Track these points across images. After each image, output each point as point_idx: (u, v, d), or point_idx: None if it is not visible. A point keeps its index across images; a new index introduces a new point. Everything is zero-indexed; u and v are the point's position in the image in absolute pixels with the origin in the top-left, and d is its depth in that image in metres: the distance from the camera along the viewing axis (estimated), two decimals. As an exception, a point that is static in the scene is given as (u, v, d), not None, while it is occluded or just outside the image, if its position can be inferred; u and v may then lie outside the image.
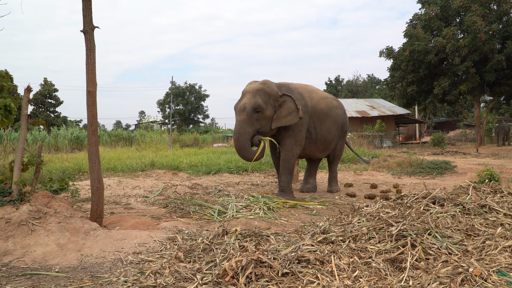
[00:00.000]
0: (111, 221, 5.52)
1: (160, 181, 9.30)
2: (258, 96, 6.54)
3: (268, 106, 6.59)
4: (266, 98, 6.60)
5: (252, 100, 6.49)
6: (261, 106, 6.48)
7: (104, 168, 11.67)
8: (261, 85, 6.70)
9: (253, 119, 6.46)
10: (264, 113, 6.53)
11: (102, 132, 29.74)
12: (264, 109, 6.52)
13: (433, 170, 10.48)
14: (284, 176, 6.83)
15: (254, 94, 6.56)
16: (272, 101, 6.65)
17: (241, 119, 6.43)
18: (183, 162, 13.27)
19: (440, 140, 21.47)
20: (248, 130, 6.43)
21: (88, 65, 4.75)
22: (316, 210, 6.03)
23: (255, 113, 6.47)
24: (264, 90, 6.62)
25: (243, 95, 6.79)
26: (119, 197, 7.26)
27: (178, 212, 6.08)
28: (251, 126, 6.47)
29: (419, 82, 25.09)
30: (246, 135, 6.40)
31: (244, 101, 6.58)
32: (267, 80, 6.84)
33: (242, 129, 6.40)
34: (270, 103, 6.62)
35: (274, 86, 6.77)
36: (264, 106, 6.52)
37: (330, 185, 7.99)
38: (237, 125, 6.47)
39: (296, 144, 6.82)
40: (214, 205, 6.27)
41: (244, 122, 6.41)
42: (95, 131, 4.91)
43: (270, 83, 6.77)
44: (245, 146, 6.39)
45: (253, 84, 6.83)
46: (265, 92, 6.61)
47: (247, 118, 6.42)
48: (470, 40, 21.80)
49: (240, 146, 6.41)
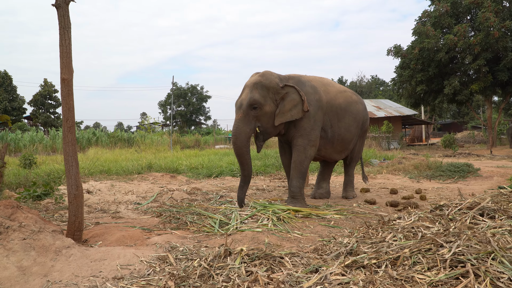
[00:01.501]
0: (94, 233, 4.68)
1: (156, 185, 8.47)
2: (255, 91, 5.74)
3: (267, 100, 5.78)
4: (264, 92, 5.78)
5: (248, 96, 5.72)
6: (257, 101, 5.67)
7: (97, 170, 10.86)
8: (259, 77, 5.88)
9: (250, 117, 5.68)
10: (263, 109, 5.72)
11: (101, 133, 29.03)
12: (262, 105, 5.71)
13: (454, 174, 9.62)
14: (296, 180, 5.95)
15: (252, 88, 5.78)
16: (271, 94, 5.83)
17: (237, 118, 5.70)
18: (183, 164, 12.46)
19: (451, 141, 20.55)
20: (245, 129, 5.65)
21: (62, 47, 3.92)
22: (334, 220, 5.18)
23: (252, 110, 5.67)
24: (262, 83, 5.80)
25: (242, 90, 6.01)
26: (108, 204, 6.43)
27: (173, 222, 5.24)
28: (248, 125, 5.68)
29: (429, 81, 24.20)
30: (243, 135, 5.63)
31: (242, 97, 5.84)
32: (266, 71, 6.01)
33: (238, 129, 5.65)
34: (269, 97, 5.80)
35: (274, 77, 5.94)
36: (262, 101, 5.71)
37: (345, 190, 7.12)
38: (234, 125, 5.75)
39: (310, 144, 5.96)
40: (215, 214, 5.43)
41: (240, 121, 5.66)
42: (71, 128, 4.08)
43: (269, 75, 5.95)
44: (243, 150, 5.63)
45: (253, 77, 6.04)
46: (263, 85, 5.80)
47: (243, 117, 5.66)
48: (483, 38, 20.93)
49: (238, 150, 5.65)
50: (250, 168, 5.73)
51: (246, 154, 5.66)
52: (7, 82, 43.92)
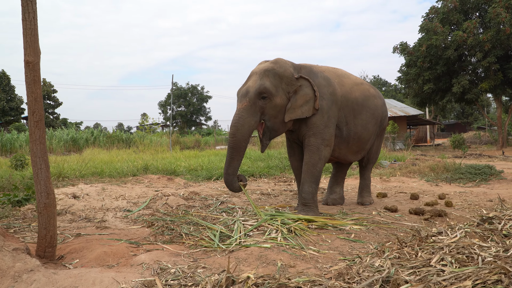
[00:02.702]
0: (72, 249, 3.94)
1: (151, 189, 7.72)
2: (266, 78, 4.94)
3: (279, 91, 4.98)
4: (277, 81, 4.98)
5: (257, 83, 4.90)
6: (268, 90, 4.87)
7: (89, 172, 10.12)
8: (271, 64, 5.09)
9: (256, 107, 4.87)
10: (272, 101, 4.92)
11: (99, 134, 28.36)
12: (273, 95, 4.91)
13: (475, 176, 8.85)
14: (308, 185, 5.15)
15: (262, 75, 4.97)
16: (284, 85, 5.03)
17: (241, 107, 4.87)
18: (181, 166, 11.72)
19: (461, 142, 19.79)
20: (249, 121, 4.85)
21: (25, 23, 3.17)
22: (354, 232, 4.42)
23: (260, 100, 4.87)
24: (275, 71, 5.01)
25: (248, 77, 5.19)
26: (94, 211, 5.68)
27: (165, 234, 4.49)
28: (253, 116, 4.87)
29: (436, 79, 23.41)
30: (246, 127, 4.83)
31: (248, 84, 5.00)
32: (280, 59, 5.21)
33: (241, 119, 4.82)
34: (281, 88, 5.01)
35: (289, 66, 5.15)
36: (273, 90, 4.92)
37: (361, 196, 6.36)
38: (236, 115, 4.89)
39: (324, 144, 5.18)
40: (215, 225, 4.68)
41: (244, 111, 4.84)
42: (39, 123, 3.33)
43: (284, 62, 5.16)
44: (241, 145, 4.85)
45: (262, 64, 5.24)
46: (276, 73, 5.00)
47: (248, 106, 4.84)
48: (493, 34, 20.16)
49: (235, 144, 4.84)
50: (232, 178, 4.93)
51: (243, 150, 4.93)
52: (5, 81, 43.24)
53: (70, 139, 25.83)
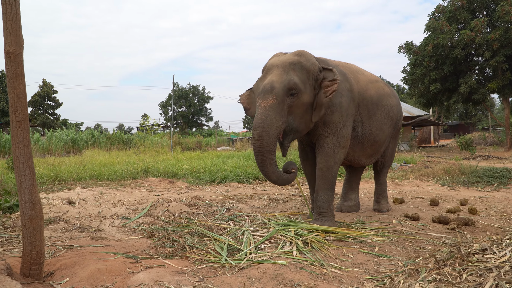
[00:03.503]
0: (63, 264, 3.50)
1: (151, 193, 7.30)
2: (292, 72, 4.30)
3: (307, 88, 4.39)
4: (304, 76, 4.37)
5: (284, 77, 4.25)
6: (298, 86, 4.25)
7: (87, 175, 9.68)
8: (296, 56, 4.45)
9: (284, 105, 4.22)
10: (300, 99, 4.33)
11: (100, 134, 28.00)
12: (302, 92, 4.32)
13: (493, 180, 8.39)
14: (323, 192, 4.64)
15: (287, 68, 4.32)
16: (311, 81, 4.45)
17: (266, 104, 4.16)
18: (183, 168, 11.30)
19: (468, 143, 19.32)
20: (277, 121, 4.16)
21: (5, 6, 2.73)
22: (377, 245, 3.97)
23: (289, 97, 4.24)
24: (302, 65, 4.39)
25: (267, 70, 4.50)
26: (90, 219, 5.24)
27: (167, 246, 4.06)
28: (281, 116, 4.20)
29: (443, 79, 22.93)
30: (273, 128, 4.14)
31: (271, 78, 4.29)
32: (304, 51, 4.61)
33: (268, 119, 4.11)
34: (309, 84, 4.42)
35: (314, 59, 4.59)
36: (302, 87, 4.32)
37: (377, 202, 5.90)
38: (261, 114, 4.16)
39: (340, 145, 4.68)
40: (222, 236, 4.24)
41: (271, 110, 4.14)
42: (22, 123, 2.89)
43: (310, 55, 4.58)
44: (269, 148, 4.15)
45: (282, 56, 4.55)
46: (303, 67, 4.38)
47: (276, 104, 4.16)
48: (502, 33, 19.70)
49: (263, 148, 4.12)
50: (278, 174, 4.29)
51: (272, 153, 4.20)
52: (4, 82, 42.85)
53: (69, 140, 25.51)
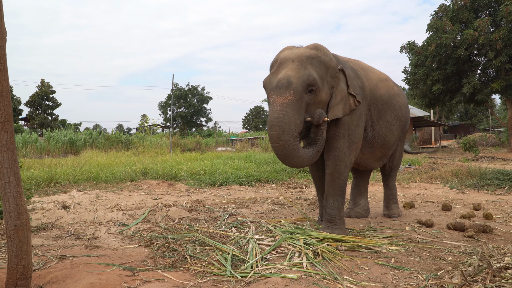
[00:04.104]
0: (54, 277, 3.22)
1: (150, 197, 7.02)
2: (311, 67, 3.95)
3: (324, 85, 4.06)
4: (323, 71, 4.05)
5: (302, 72, 3.90)
6: (317, 82, 3.92)
7: (84, 177, 9.39)
8: (313, 50, 4.10)
9: (303, 102, 3.88)
10: (318, 96, 4.00)
11: (98, 135, 27.69)
12: (320, 89, 3.98)
13: (503, 183, 8.10)
14: (333, 199, 4.34)
15: (304, 63, 3.97)
16: (329, 77, 4.14)
17: (283, 101, 3.80)
18: (183, 170, 11.00)
19: (472, 144, 19.04)
20: (295, 120, 3.81)
21: (-14, -6, 2.45)
22: (393, 256, 3.68)
23: (307, 94, 3.90)
24: (320, 59, 4.05)
25: (280, 64, 4.09)
26: (84, 225, 4.95)
27: (167, 256, 3.77)
28: (299, 114, 3.85)
29: (446, 79, 22.63)
30: (292, 127, 3.78)
31: (287, 72, 3.91)
32: (320, 45, 4.26)
33: (286, 118, 3.76)
34: (327, 81, 4.11)
35: (331, 54, 4.28)
36: (320, 84, 3.98)
37: (388, 207, 5.61)
38: (277, 111, 3.79)
39: (351, 147, 4.38)
40: (225, 245, 3.96)
41: (289, 107, 3.78)
42: (5, 124, 2.60)
43: (326, 50, 4.24)
44: (291, 148, 3.80)
45: (296, 49, 4.19)
46: (321, 62, 4.06)
47: (294, 101, 3.80)
48: (506, 33, 19.42)
49: (285, 151, 3.79)
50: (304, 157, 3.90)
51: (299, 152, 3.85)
52: (1, 82, 42.51)
53: (67, 141, 25.16)
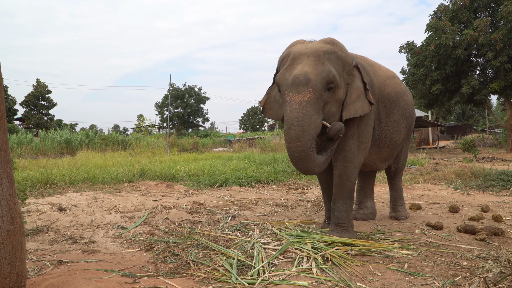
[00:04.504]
0: (49, 284, 3.05)
1: (148, 198, 6.85)
2: (328, 63, 3.70)
3: (342, 82, 3.82)
4: (340, 68, 3.81)
5: (321, 68, 3.62)
6: (336, 80, 3.70)
7: (80, 178, 9.20)
8: (329, 45, 3.85)
9: (322, 101, 3.63)
10: (336, 94, 3.78)
11: (94, 135, 27.45)
12: (338, 87, 3.76)
13: (508, 184, 7.96)
14: (341, 202, 4.14)
15: (321, 58, 3.70)
16: (346, 74, 3.93)
17: (302, 99, 3.52)
18: (181, 170, 10.83)
19: (471, 145, 18.91)
20: (315, 119, 3.55)
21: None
22: (405, 261, 3.51)
23: (326, 92, 3.65)
24: (337, 55, 3.81)
25: (294, 59, 3.78)
26: (81, 228, 4.77)
27: (168, 261, 3.60)
28: (319, 114, 3.60)
29: (445, 80, 22.51)
30: (312, 127, 3.53)
31: (304, 68, 3.62)
32: (335, 39, 4.02)
33: (306, 117, 3.49)
34: (344, 78, 3.90)
35: (347, 50, 4.08)
36: (339, 81, 3.76)
37: (394, 209, 5.45)
38: (297, 110, 3.51)
39: (360, 147, 4.20)
40: (229, 249, 3.79)
41: (309, 106, 3.51)
42: (-1, 121, 2.43)
43: (342, 45, 4.02)
44: (309, 151, 3.54)
45: (310, 44, 3.92)
46: (339, 58, 3.82)
47: (314, 99, 3.54)
48: (505, 33, 19.32)
49: (302, 153, 3.51)
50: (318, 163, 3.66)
51: (314, 157, 3.60)
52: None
53: (63, 141, 24.91)
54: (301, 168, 3.64)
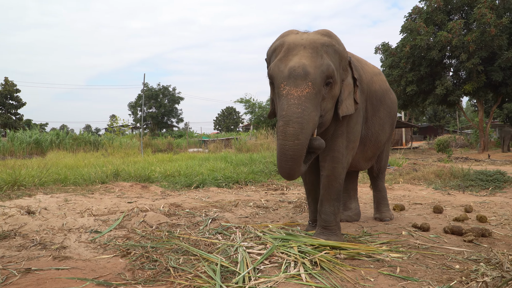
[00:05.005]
0: (15, 295, 2.79)
1: (123, 200, 6.56)
2: (326, 56, 3.43)
3: (338, 77, 3.58)
4: (337, 62, 3.56)
5: (319, 61, 3.35)
6: (335, 75, 3.45)
7: (50, 179, 8.81)
8: (326, 37, 3.57)
9: (320, 96, 3.37)
10: (333, 90, 3.54)
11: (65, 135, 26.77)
12: (335, 83, 3.52)
13: (487, 184, 7.98)
14: (329, 204, 3.92)
15: (319, 50, 3.42)
16: (341, 70, 3.70)
17: (302, 94, 3.23)
18: (156, 171, 10.51)
19: (445, 145, 19.14)
20: (314, 118, 3.29)
21: None
22: (397, 265, 3.36)
23: (324, 86, 3.39)
24: (335, 48, 3.54)
25: (289, 50, 3.47)
26: (52, 233, 4.48)
27: (147, 268, 3.36)
28: (317, 110, 3.34)
29: (419, 81, 22.76)
30: (311, 125, 3.27)
31: (301, 60, 3.32)
32: (331, 31, 3.75)
33: (306, 114, 3.21)
34: (340, 72, 3.66)
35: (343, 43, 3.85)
36: (336, 76, 3.52)
37: (379, 210, 5.32)
38: (295, 105, 3.21)
39: (349, 147, 4.02)
40: (212, 254, 3.58)
41: (308, 101, 3.24)
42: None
43: (338, 38, 3.76)
44: (303, 152, 3.27)
45: (305, 35, 3.60)
46: (336, 52, 3.56)
47: (313, 94, 3.27)
48: (478, 35, 19.60)
49: (297, 153, 3.21)
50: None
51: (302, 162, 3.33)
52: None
53: (33, 141, 24.18)
54: (288, 168, 3.30)
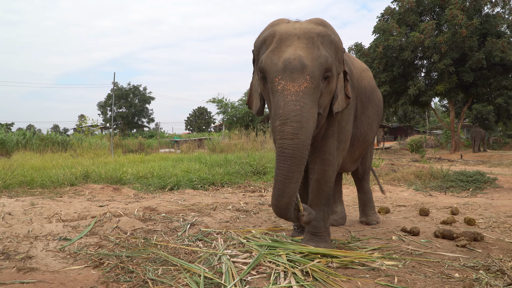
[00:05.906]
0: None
1: (94, 203, 6.19)
2: (323, 47, 3.12)
3: (335, 70, 3.28)
4: (333, 54, 3.26)
5: (316, 53, 3.04)
6: (333, 68, 3.15)
7: (16, 182, 8.33)
8: (321, 27, 3.26)
9: (319, 91, 3.07)
10: (330, 84, 3.21)
11: (32, 135, 25.91)
12: (333, 76, 3.21)
13: (467, 184, 7.93)
14: (319, 209, 3.64)
15: (315, 41, 3.10)
16: (337, 62, 3.39)
17: (299, 89, 2.91)
18: (128, 173, 10.12)
19: (419, 145, 19.27)
20: (314, 113, 2.99)
21: None
22: (394, 274, 3.15)
23: (323, 81, 3.09)
24: (331, 38, 3.24)
25: (281, 40, 3.13)
26: (17, 241, 4.10)
27: (122, 280, 3.06)
28: (316, 106, 3.04)
29: (392, 81, 22.89)
30: (311, 122, 2.97)
31: (296, 52, 3.00)
32: (325, 20, 3.44)
33: (305, 111, 2.90)
34: (335, 65, 3.34)
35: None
36: (334, 69, 3.22)
37: (365, 214, 5.11)
38: (293, 102, 2.89)
39: (340, 148, 3.76)
40: (193, 264, 3.29)
41: (307, 97, 2.93)
42: None
43: (333, 28, 3.48)
44: (304, 153, 2.94)
45: (298, 24, 3.28)
46: (332, 42, 3.25)
47: (312, 89, 2.96)
48: (450, 36, 19.81)
49: (296, 152, 2.87)
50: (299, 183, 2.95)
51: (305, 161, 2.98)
52: None
53: (-3, 142, 23.31)
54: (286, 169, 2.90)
